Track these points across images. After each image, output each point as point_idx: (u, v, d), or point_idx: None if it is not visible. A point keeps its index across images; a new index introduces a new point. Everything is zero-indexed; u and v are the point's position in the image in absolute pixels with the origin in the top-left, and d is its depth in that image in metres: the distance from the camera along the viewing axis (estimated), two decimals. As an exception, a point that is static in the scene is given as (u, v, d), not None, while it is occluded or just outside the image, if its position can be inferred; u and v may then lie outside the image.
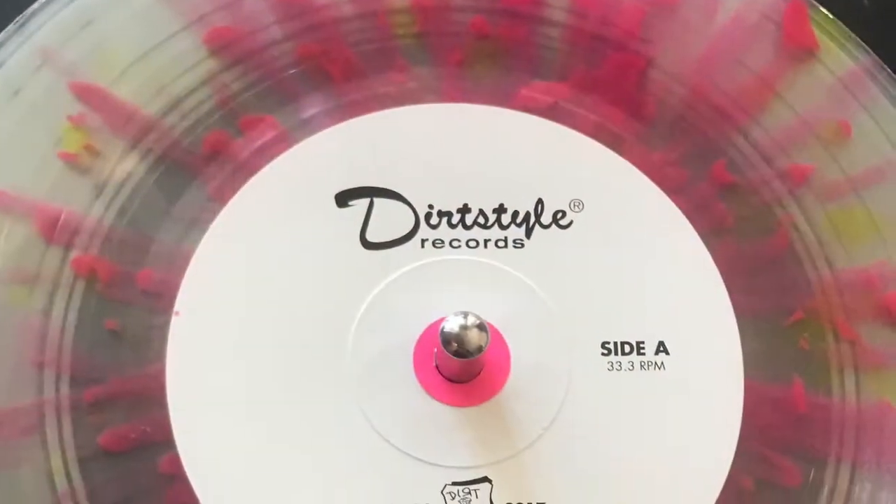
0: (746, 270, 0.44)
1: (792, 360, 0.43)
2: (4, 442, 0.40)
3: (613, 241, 0.44)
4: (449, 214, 0.44)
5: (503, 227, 0.44)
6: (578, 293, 0.43)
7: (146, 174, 0.44)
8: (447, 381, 0.42)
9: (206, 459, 0.41)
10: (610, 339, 0.43)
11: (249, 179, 0.44)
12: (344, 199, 0.44)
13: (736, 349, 0.43)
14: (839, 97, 0.47)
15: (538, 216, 0.44)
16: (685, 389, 0.42)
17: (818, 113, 0.47)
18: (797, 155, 0.46)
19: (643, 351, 0.43)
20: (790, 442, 0.42)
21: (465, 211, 0.44)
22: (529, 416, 0.42)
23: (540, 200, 0.44)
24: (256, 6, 0.47)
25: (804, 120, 0.47)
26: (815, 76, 0.47)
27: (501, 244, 0.44)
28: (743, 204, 0.45)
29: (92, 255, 0.43)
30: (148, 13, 0.45)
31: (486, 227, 0.44)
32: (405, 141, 0.46)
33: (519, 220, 0.44)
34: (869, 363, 0.43)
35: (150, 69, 0.45)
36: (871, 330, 0.43)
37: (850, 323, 0.44)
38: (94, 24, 0.45)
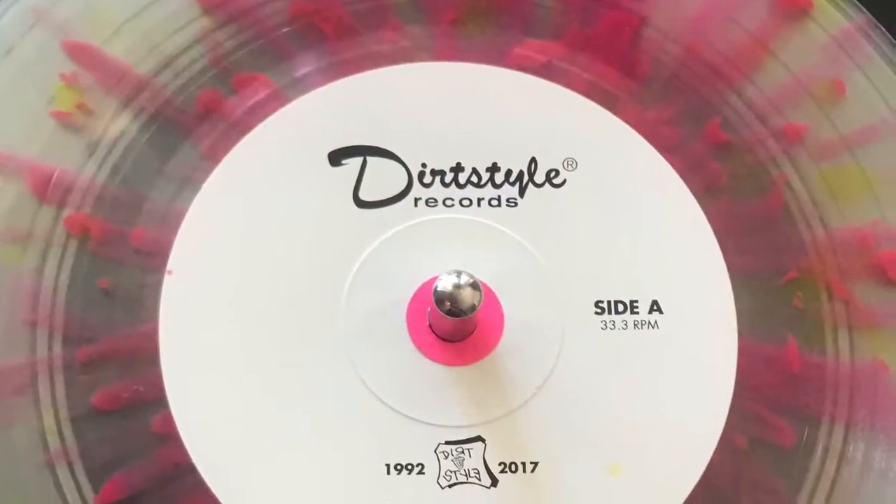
0: (740, 229, 0.42)
1: (786, 319, 0.41)
2: (-3, 401, 0.38)
3: (607, 199, 0.42)
4: (442, 173, 0.42)
5: (496, 185, 0.42)
6: (572, 252, 0.42)
7: (139, 133, 0.43)
8: (440, 340, 0.40)
9: (198, 419, 0.40)
10: (603, 297, 0.41)
11: (242, 138, 0.42)
12: (337, 157, 0.43)
13: (730, 308, 0.41)
14: (833, 56, 0.45)
15: (531, 175, 0.43)
16: (679, 348, 0.41)
17: (812, 71, 0.45)
18: (791, 114, 0.45)
19: (637, 310, 0.41)
20: (784, 401, 0.41)
21: (458, 170, 0.42)
22: (523, 375, 0.40)
23: (533, 159, 0.43)
24: (249, -36, 0.44)
25: (798, 78, 0.45)
26: (809, 35, 0.45)
27: (495, 203, 0.42)
28: (737, 163, 0.43)
29: (84, 213, 0.41)
30: (140, -29, 0.43)
31: (479, 185, 0.42)
32: (398, 100, 0.44)
33: (512, 178, 0.42)
34: (863, 322, 0.42)
35: (142, 27, 0.43)
36: (864, 289, 0.42)
37: (844, 282, 0.42)
38: (86, -19, 0.43)
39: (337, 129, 0.43)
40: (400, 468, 0.40)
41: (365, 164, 0.42)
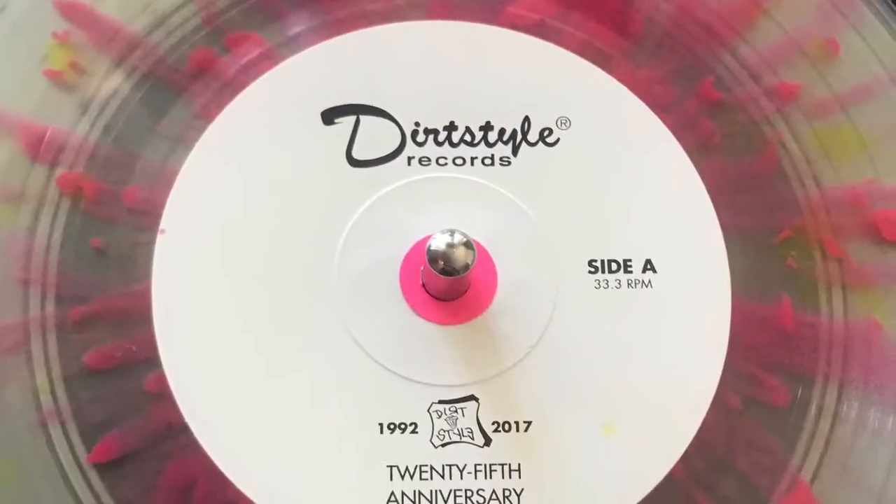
0: (734, 188, 0.41)
1: (779, 278, 0.40)
2: (-11, 360, 0.37)
3: (600, 158, 0.41)
4: (435, 132, 0.41)
5: (490, 144, 0.41)
6: (565, 211, 0.40)
7: (132, 91, 0.41)
8: (433, 299, 0.39)
9: (191, 378, 0.38)
10: (597, 256, 0.40)
11: (235, 97, 0.41)
12: (330, 116, 0.41)
13: (723, 267, 0.40)
14: (827, 14, 0.43)
15: (525, 134, 0.41)
16: (672, 307, 0.39)
17: (806, 30, 0.43)
18: (785, 72, 0.43)
19: (630, 269, 0.40)
20: (778, 360, 0.39)
21: (451, 128, 0.41)
22: (516, 334, 0.39)
23: (527, 118, 0.41)
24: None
25: (792, 37, 0.43)
26: (802, -7, 0.42)
27: (488, 162, 0.40)
28: (730, 121, 0.42)
29: (77, 172, 0.40)
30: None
31: (472, 144, 0.41)
32: (391, 58, 0.42)
33: (506, 137, 0.41)
34: (856, 281, 0.40)
35: (135, -15, 0.41)
36: (858, 248, 0.40)
37: (837, 241, 0.40)
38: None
39: (330, 87, 0.41)
40: (393, 427, 0.38)
41: (358, 122, 0.41)
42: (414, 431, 0.38)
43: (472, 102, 0.41)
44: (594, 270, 0.40)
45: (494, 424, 0.38)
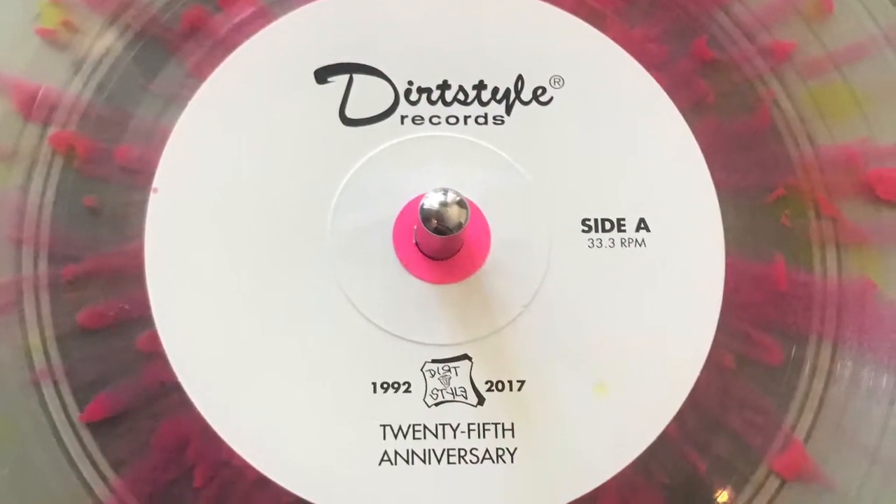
0: (727, 147, 0.39)
1: (773, 236, 0.38)
2: (-18, 320, 0.36)
3: (594, 117, 0.39)
4: (429, 91, 0.39)
5: (483, 103, 0.39)
6: (558, 170, 0.38)
7: (124, 50, 0.39)
8: (427, 258, 0.37)
9: (184, 337, 0.37)
10: (590, 215, 0.38)
11: (228, 56, 0.39)
12: (323, 75, 0.39)
13: (717, 226, 0.38)
14: (820, -28, 0.41)
15: (518, 92, 0.39)
16: (666, 266, 0.37)
17: (800, -11, 0.40)
18: (779, 31, 0.41)
19: (624, 228, 0.38)
20: (771, 319, 0.38)
21: (444, 87, 0.39)
22: (509, 293, 0.37)
23: (520, 77, 0.39)
24: None
25: (786, -5, 0.40)
26: (796, -49, 0.41)
27: (481, 121, 0.39)
28: (724, 80, 0.40)
29: (70, 131, 0.38)
30: None
31: (465, 103, 0.39)
32: (385, 17, 0.40)
33: (499, 96, 0.39)
34: (850, 240, 0.38)
35: (128, -57, 0.39)
36: (852, 207, 0.39)
37: (831, 200, 0.39)
38: None
39: (323, 46, 0.39)
40: (386, 386, 0.36)
41: (351, 81, 0.39)
42: (407, 391, 0.36)
43: (465, 61, 0.39)
44: (587, 229, 0.38)
45: (488, 383, 0.36)
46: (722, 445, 0.37)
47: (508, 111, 0.39)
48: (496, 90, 0.39)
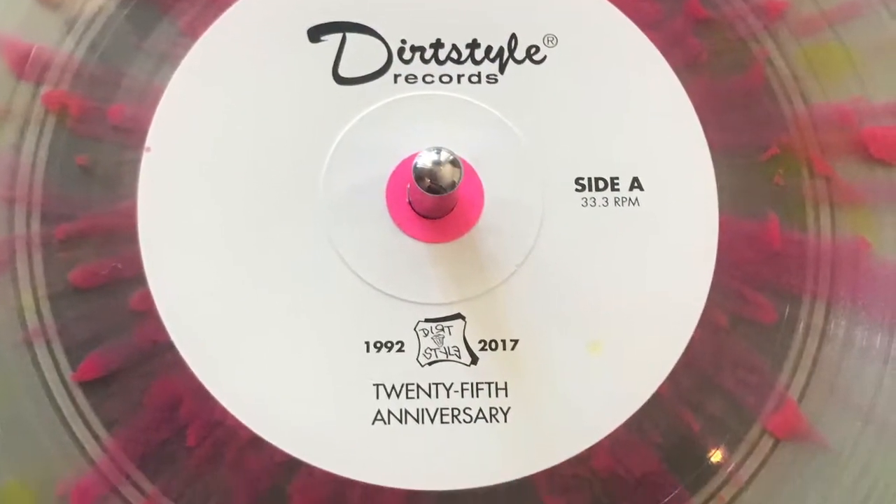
0: (721, 106, 0.37)
1: (767, 195, 0.36)
2: (-26, 280, 0.34)
3: (587, 76, 0.37)
4: (422, 49, 0.37)
5: (476, 62, 0.37)
6: (552, 128, 0.36)
7: (117, 9, 0.37)
8: (420, 217, 0.35)
9: (177, 296, 0.35)
10: (584, 174, 0.36)
11: (221, 14, 0.37)
12: (316, 34, 0.37)
13: (710, 185, 0.36)
14: (814, -70, 0.39)
15: (511, 51, 0.37)
16: (660, 225, 0.36)
17: (793, -54, 0.39)
18: (772, -11, 0.38)
19: (617, 186, 0.36)
20: (765, 278, 0.36)
21: (438, 46, 0.37)
22: (503, 252, 0.35)
23: (513, 35, 0.37)
24: None
25: (779, -46, 0.39)
26: None
27: (475, 79, 0.37)
28: (717, 39, 0.38)
29: (63, 90, 0.36)
30: None
31: (459, 62, 0.37)
32: (378, -26, 0.38)
33: (492, 55, 0.37)
34: (844, 199, 0.36)
35: None
36: (846, 165, 0.37)
37: (825, 158, 0.37)
38: None
39: (316, 4, 0.37)
40: (379, 346, 0.35)
41: (344, 40, 0.37)
42: (400, 350, 0.35)
43: (458, 20, 0.37)
44: (581, 188, 0.36)
45: (481, 343, 0.35)
46: (715, 404, 0.35)
47: (502, 70, 0.37)
48: (489, 49, 0.37)
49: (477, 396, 0.34)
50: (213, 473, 0.34)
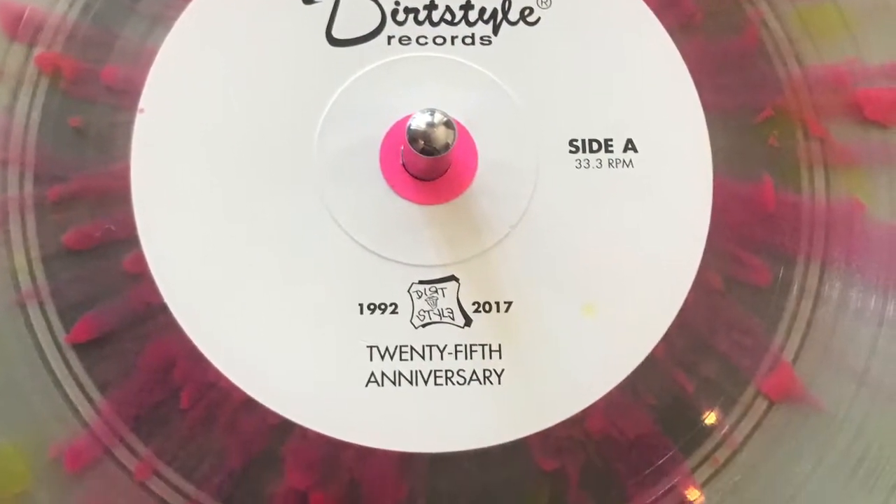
0: (715, 68, 0.35)
1: (761, 157, 0.34)
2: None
3: (581, 37, 0.35)
4: (416, 11, 0.35)
5: (470, 23, 0.35)
6: (546, 90, 0.35)
7: None
8: (414, 178, 0.34)
9: (170, 258, 0.33)
10: (578, 136, 0.34)
11: None
12: None
13: (705, 147, 0.34)
14: None
15: (505, 13, 0.35)
16: (654, 187, 0.34)
17: None
18: (766, -50, 0.37)
19: (611, 148, 0.34)
20: (759, 240, 0.34)
21: (431, 7, 0.35)
22: (496, 214, 0.34)
23: None
24: None
25: (773, -86, 0.37)
26: None
27: (469, 41, 0.35)
28: (712, 0, 0.36)
29: (56, 51, 0.35)
30: None
31: (453, 23, 0.35)
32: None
33: (486, 16, 0.35)
34: (839, 160, 0.35)
35: None
36: (840, 127, 0.35)
37: (819, 120, 0.35)
38: None
39: None
40: (373, 308, 0.33)
41: (338, 1, 0.35)
42: (394, 312, 0.33)
43: (451, -20, 0.36)
44: (575, 150, 0.34)
45: (475, 305, 0.33)
46: (710, 367, 0.33)
47: (496, 31, 0.35)
48: (483, 10, 0.35)
49: (471, 358, 0.33)
50: (206, 435, 0.32)
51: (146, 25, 0.35)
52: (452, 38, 0.35)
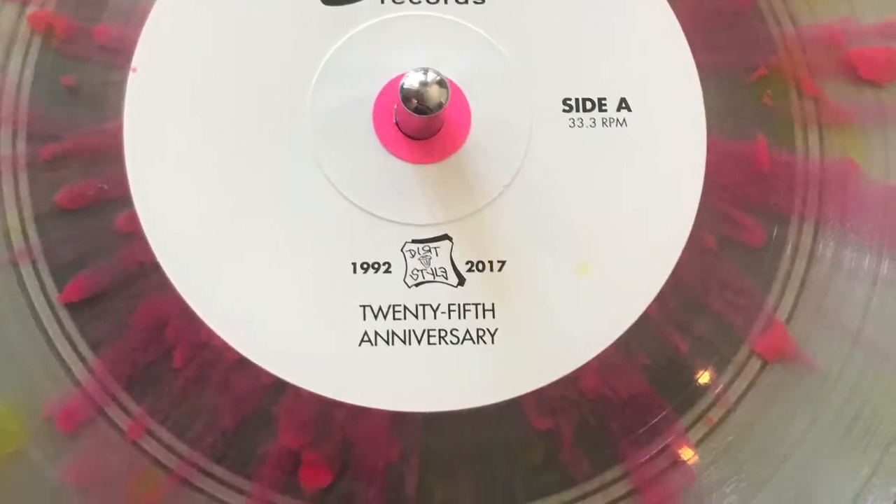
0: (709, 27, 0.33)
1: (755, 116, 0.33)
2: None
3: None
4: None
5: None
6: (540, 49, 0.33)
7: None
8: (407, 137, 0.32)
9: (163, 217, 0.31)
10: (571, 95, 0.32)
11: None
12: None
13: (698, 106, 0.32)
14: None
15: None
16: (647, 146, 0.32)
17: None
18: None
19: (605, 107, 0.32)
20: (753, 199, 0.32)
21: None
22: (490, 173, 0.32)
23: None
24: None
25: None
26: None
27: (462, 0, 0.33)
28: None
29: (49, 10, 0.33)
30: None
31: None
32: None
33: None
34: (833, 120, 0.33)
35: None
36: (834, 86, 0.33)
37: (813, 79, 0.33)
38: None
39: None
40: (366, 267, 0.31)
41: None
42: (387, 271, 0.31)
43: (445, -60, 0.34)
44: (568, 109, 0.32)
45: (468, 264, 0.31)
46: (703, 326, 0.32)
47: (489, -10, 0.34)
48: (476, -32, 0.34)
49: (464, 318, 0.31)
50: (199, 395, 0.31)
51: (139, -16, 0.33)
52: (446, -4, 0.33)
